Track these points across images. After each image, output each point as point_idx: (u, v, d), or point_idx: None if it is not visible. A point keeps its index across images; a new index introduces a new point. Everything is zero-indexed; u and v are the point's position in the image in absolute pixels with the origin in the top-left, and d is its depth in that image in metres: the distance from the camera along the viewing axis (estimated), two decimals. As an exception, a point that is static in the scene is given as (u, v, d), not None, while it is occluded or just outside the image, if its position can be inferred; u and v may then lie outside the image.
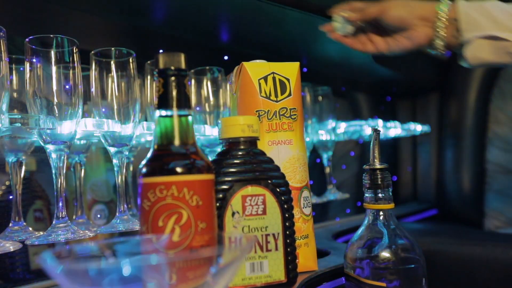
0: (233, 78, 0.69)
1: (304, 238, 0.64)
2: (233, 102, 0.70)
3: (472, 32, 0.70)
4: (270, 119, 0.65)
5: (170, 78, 0.45)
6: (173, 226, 0.42)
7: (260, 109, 0.65)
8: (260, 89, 0.65)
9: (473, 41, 0.70)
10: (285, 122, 0.66)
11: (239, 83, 0.67)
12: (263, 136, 0.64)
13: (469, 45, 0.70)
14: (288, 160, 0.65)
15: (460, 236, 1.17)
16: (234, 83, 0.68)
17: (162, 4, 0.80)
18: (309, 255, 0.65)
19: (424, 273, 0.55)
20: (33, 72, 0.59)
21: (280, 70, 0.67)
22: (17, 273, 0.75)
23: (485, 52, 0.70)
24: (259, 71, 0.66)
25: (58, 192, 0.60)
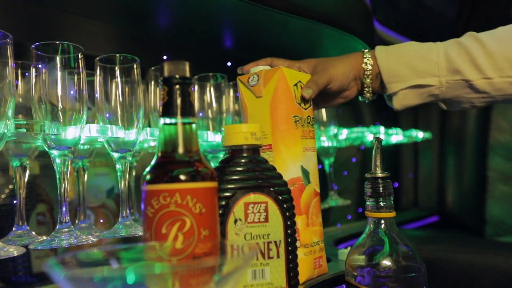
0: (258, 81, 0.66)
1: (322, 242, 0.67)
2: (254, 106, 0.67)
3: (395, 85, 0.73)
4: (303, 126, 0.67)
5: (175, 86, 0.45)
6: (176, 233, 0.42)
7: (296, 115, 0.66)
8: (295, 95, 0.67)
9: (398, 92, 0.73)
10: (311, 130, 0.69)
11: (272, 87, 0.65)
12: (297, 143, 0.65)
13: (395, 96, 0.74)
14: (314, 166, 0.68)
15: (461, 243, 1.17)
16: (261, 86, 0.66)
17: (166, 11, 0.81)
18: (324, 258, 0.68)
19: (425, 281, 0.56)
20: (39, 78, 0.59)
21: (302, 79, 0.69)
22: (19, 276, 0.75)
23: (410, 99, 0.74)
24: (291, 77, 0.67)
25: (62, 197, 0.61)
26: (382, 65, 0.73)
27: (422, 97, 0.74)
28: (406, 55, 0.73)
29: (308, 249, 0.64)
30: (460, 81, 0.71)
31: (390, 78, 0.73)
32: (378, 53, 0.74)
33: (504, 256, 1.02)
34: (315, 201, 0.67)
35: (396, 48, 0.75)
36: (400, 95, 0.73)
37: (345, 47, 1.11)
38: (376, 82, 0.75)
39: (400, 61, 0.73)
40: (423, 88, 0.72)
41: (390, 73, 0.73)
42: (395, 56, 0.73)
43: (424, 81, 0.72)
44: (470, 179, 1.62)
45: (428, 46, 0.74)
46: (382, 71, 0.73)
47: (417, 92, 0.73)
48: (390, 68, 0.73)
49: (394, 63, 0.73)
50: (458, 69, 0.70)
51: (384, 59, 0.73)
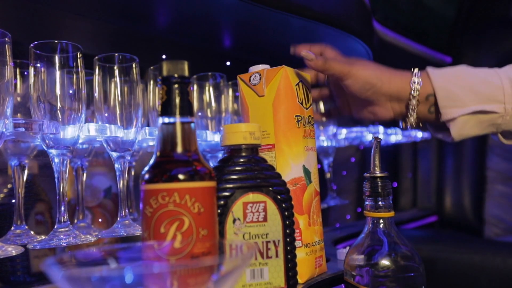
0: (260, 80, 0.66)
1: (322, 242, 0.67)
2: (256, 105, 0.66)
3: (454, 110, 0.64)
4: (304, 126, 0.66)
5: (174, 85, 0.45)
6: (175, 232, 0.42)
7: (298, 115, 0.66)
8: (297, 94, 0.66)
9: (457, 118, 0.64)
10: (312, 129, 0.68)
11: (275, 86, 0.65)
12: (299, 142, 0.65)
13: (453, 123, 0.65)
14: (315, 166, 0.68)
15: (459, 244, 1.17)
16: (263, 85, 0.66)
17: (165, 10, 0.81)
18: (324, 257, 0.68)
19: (423, 281, 0.56)
20: (37, 77, 0.59)
21: (304, 79, 0.69)
22: (18, 276, 0.75)
23: (470, 127, 0.65)
24: (294, 77, 0.67)
25: (60, 196, 0.61)
26: (438, 86, 0.64)
27: (483, 126, 0.65)
28: (464, 76, 0.65)
29: (309, 249, 0.64)
30: None
31: (447, 101, 0.64)
32: (432, 73, 0.65)
33: (502, 256, 1.02)
34: (316, 201, 0.67)
35: (452, 70, 0.66)
36: (459, 122, 0.64)
37: (345, 47, 1.11)
38: (424, 105, 0.66)
39: (459, 83, 0.64)
40: (486, 115, 0.64)
41: (447, 94, 0.64)
42: (452, 76, 0.65)
43: (488, 107, 0.63)
44: (469, 179, 1.62)
45: (487, 70, 0.66)
46: (438, 91, 0.64)
47: (478, 120, 0.64)
48: (448, 90, 0.64)
49: (451, 84, 0.64)
50: None
51: (440, 80, 0.64)
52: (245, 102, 0.67)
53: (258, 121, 0.65)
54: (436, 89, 0.64)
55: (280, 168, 0.62)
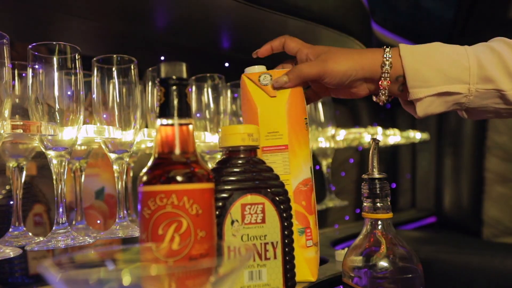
0: (271, 80, 0.66)
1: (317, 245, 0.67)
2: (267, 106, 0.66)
3: (421, 90, 0.66)
4: (307, 129, 0.68)
5: (172, 87, 0.45)
6: (173, 234, 0.42)
7: (306, 117, 0.68)
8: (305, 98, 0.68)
9: (424, 99, 0.66)
10: (309, 132, 0.69)
11: (290, 88, 0.66)
12: (307, 144, 0.67)
13: (419, 102, 0.67)
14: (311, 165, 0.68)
15: (458, 245, 1.17)
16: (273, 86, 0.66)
17: (164, 12, 0.81)
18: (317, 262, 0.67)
19: (421, 282, 0.56)
20: (36, 79, 0.59)
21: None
22: (16, 277, 0.75)
23: (436, 106, 0.67)
24: None
25: (59, 198, 0.61)
26: (408, 67, 0.66)
27: (447, 105, 0.68)
28: (435, 58, 0.66)
29: (317, 247, 0.66)
30: (491, 91, 0.65)
31: (416, 82, 0.66)
32: (403, 53, 0.67)
33: (501, 257, 1.02)
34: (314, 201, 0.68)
35: (424, 49, 0.68)
36: (426, 102, 0.67)
37: (343, 48, 1.11)
38: (395, 85, 0.68)
39: (430, 64, 0.66)
40: (450, 95, 0.66)
41: (416, 77, 0.66)
42: (424, 57, 0.66)
43: (454, 88, 0.65)
44: (467, 180, 1.62)
45: (457, 49, 0.67)
46: (408, 73, 0.66)
47: (443, 100, 0.67)
48: (417, 71, 0.66)
49: (422, 65, 0.66)
50: (490, 77, 0.64)
51: (410, 61, 0.66)
52: (253, 101, 0.66)
53: (269, 122, 0.65)
54: (405, 70, 0.66)
55: (293, 169, 0.64)
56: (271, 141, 0.65)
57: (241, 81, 0.67)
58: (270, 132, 0.65)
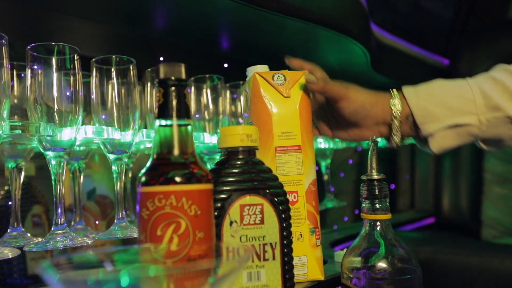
0: (285, 80, 0.66)
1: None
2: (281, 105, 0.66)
3: (431, 125, 0.67)
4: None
5: (170, 88, 0.45)
6: (172, 235, 0.42)
7: (313, 120, 0.69)
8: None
9: (435, 133, 0.68)
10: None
11: (300, 89, 0.67)
12: (314, 145, 0.68)
13: (432, 138, 0.68)
14: None
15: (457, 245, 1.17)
16: (289, 86, 0.66)
17: (163, 12, 0.81)
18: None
19: (420, 283, 0.56)
20: (34, 79, 0.59)
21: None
22: (14, 278, 0.75)
23: (449, 140, 0.68)
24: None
25: (57, 198, 0.61)
26: (413, 105, 0.68)
27: (462, 138, 0.68)
28: (437, 93, 0.68)
29: (321, 246, 0.67)
30: (501, 118, 0.66)
31: (423, 118, 0.67)
32: (407, 93, 0.69)
33: (500, 258, 1.02)
34: None
35: (425, 87, 0.70)
36: (437, 136, 0.68)
37: (342, 49, 1.11)
38: (406, 125, 0.69)
39: (433, 100, 0.67)
40: (462, 127, 0.67)
41: (423, 112, 0.67)
42: (426, 94, 0.68)
43: (462, 120, 0.66)
44: (466, 181, 1.62)
45: (459, 83, 0.69)
46: (414, 111, 0.67)
47: (455, 132, 0.67)
48: (422, 107, 0.67)
49: (426, 102, 0.67)
50: (497, 105, 0.65)
51: (414, 98, 0.68)
52: (267, 100, 0.66)
53: (283, 121, 0.65)
54: (412, 109, 0.68)
55: (306, 169, 0.65)
56: (285, 141, 0.65)
57: (253, 79, 0.66)
58: (284, 132, 0.65)
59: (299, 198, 0.65)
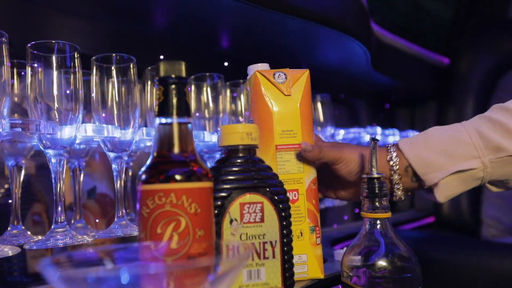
0: (286, 79, 0.66)
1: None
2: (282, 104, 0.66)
3: (434, 175, 0.66)
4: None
5: (171, 86, 0.45)
6: (172, 233, 0.42)
7: (312, 118, 0.69)
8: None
9: (439, 183, 0.66)
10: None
11: (300, 87, 0.67)
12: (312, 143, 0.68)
13: (436, 187, 0.67)
14: None
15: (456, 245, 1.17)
16: (290, 84, 0.66)
17: (163, 10, 0.81)
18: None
19: (420, 282, 0.56)
20: (35, 77, 0.59)
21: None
22: (15, 276, 0.75)
23: (455, 187, 0.67)
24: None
25: (57, 197, 0.61)
26: (410, 157, 0.66)
27: (467, 183, 0.67)
28: (434, 141, 0.67)
29: (321, 245, 0.67)
30: (506, 158, 0.64)
31: (424, 169, 0.66)
32: (402, 146, 0.68)
33: (499, 257, 1.02)
34: None
35: (421, 136, 0.69)
36: (442, 185, 0.66)
37: (343, 48, 1.11)
38: (406, 177, 0.68)
39: (431, 149, 0.66)
40: (464, 172, 0.65)
41: (422, 163, 0.66)
42: (422, 143, 0.67)
43: (465, 166, 0.65)
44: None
45: (454, 127, 0.68)
46: (413, 162, 0.66)
47: (460, 178, 0.66)
48: (420, 158, 0.66)
49: (424, 152, 0.66)
50: (499, 146, 0.64)
51: (411, 150, 0.67)
52: (268, 98, 0.66)
53: (283, 120, 0.65)
54: (410, 161, 0.66)
55: (306, 168, 0.66)
56: (285, 139, 0.65)
57: (254, 78, 0.66)
58: (285, 130, 0.65)
59: (300, 196, 0.65)
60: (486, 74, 1.65)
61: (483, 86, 1.65)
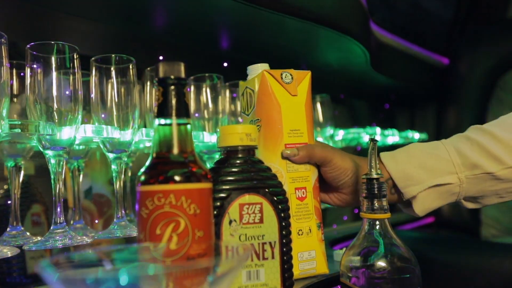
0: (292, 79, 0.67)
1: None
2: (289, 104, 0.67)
3: (413, 188, 0.68)
4: None
5: (170, 87, 0.45)
6: (171, 234, 0.42)
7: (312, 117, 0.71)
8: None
9: (417, 196, 0.69)
10: None
11: (304, 88, 0.68)
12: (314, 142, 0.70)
13: (415, 200, 0.69)
14: None
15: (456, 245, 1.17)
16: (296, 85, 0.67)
17: (163, 11, 0.81)
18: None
19: (419, 282, 0.56)
20: (34, 78, 0.59)
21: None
22: (14, 277, 0.75)
23: (431, 201, 0.69)
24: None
25: (57, 197, 0.61)
26: (392, 170, 0.69)
27: (444, 197, 0.70)
28: (415, 156, 0.70)
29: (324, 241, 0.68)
30: (481, 175, 0.67)
31: (404, 182, 0.69)
32: (384, 159, 0.70)
33: (498, 258, 1.02)
34: None
35: (403, 151, 0.71)
36: (420, 198, 0.69)
37: (342, 48, 1.11)
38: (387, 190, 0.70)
39: (411, 163, 0.69)
40: (442, 187, 0.68)
41: (403, 176, 0.69)
42: (404, 158, 0.70)
43: (443, 180, 0.68)
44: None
45: (434, 144, 0.71)
46: (394, 175, 0.69)
47: (437, 192, 0.69)
48: (401, 171, 0.69)
49: (405, 165, 0.69)
50: (475, 163, 0.67)
51: (393, 164, 0.69)
52: (276, 98, 0.66)
53: (291, 119, 0.66)
54: (391, 173, 0.69)
55: (311, 166, 0.67)
56: (293, 138, 0.66)
57: (262, 77, 0.66)
58: (292, 129, 0.66)
59: (308, 194, 0.66)
60: (486, 74, 1.66)
61: (483, 86, 1.65)
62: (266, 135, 0.66)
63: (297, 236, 0.64)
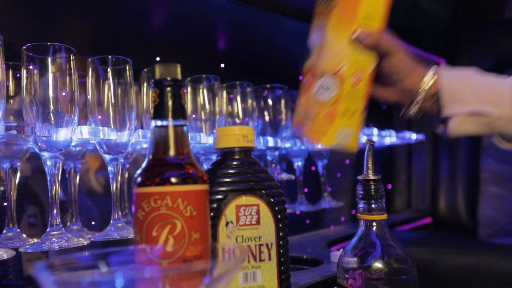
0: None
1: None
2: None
3: (455, 106, 0.68)
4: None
5: (166, 88, 0.45)
6: (167, 236, 0.42)
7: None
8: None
9: (455, 116, 0.68)
10: None
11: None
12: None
13: (452, 120, 0.68)
14: None
15: (453, 245, 1.17)
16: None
17: (160, 12, 0.81)
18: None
19: (416, 284, 0.56)
20: (30, 79, 0.59)
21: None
22: (10, 279, 0.75)
23: (467, 126, 0.68)
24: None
25: (53, 199, 0.60)
26: (444, 84, 0.68)
27: (479, 127, 0.68)
28: (471, 79, 0.69)
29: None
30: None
31: (449, 98, 0.68)
32: (442, 71, 0.69)
33: (496, 258, 1.02)
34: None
35: (462, 70, 0.70)
36: (457, 119, 0.68)
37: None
38: (430, 101, 0.70)
39: (463, 83, 0.68)
40: (482, 117, 0.67)
41: (451, 93, 0.68)
42: (461, 77, 0.69)
43: (484, 109, 0.67)
44: (463, 180, 1.62)
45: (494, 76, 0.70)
46: (444, 90, 0.68)
47: (475, 120, 0.68)
48: (451, 88, 0.68)
49: (458, 83, 0.68)
50: None
51: (448, 78, 0.68)
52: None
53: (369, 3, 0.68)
54: (442, 86, 0.68)
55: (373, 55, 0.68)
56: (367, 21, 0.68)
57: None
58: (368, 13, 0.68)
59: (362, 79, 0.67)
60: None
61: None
62: (340, 12, 0.66)
63: (342, 114, 0.66)
